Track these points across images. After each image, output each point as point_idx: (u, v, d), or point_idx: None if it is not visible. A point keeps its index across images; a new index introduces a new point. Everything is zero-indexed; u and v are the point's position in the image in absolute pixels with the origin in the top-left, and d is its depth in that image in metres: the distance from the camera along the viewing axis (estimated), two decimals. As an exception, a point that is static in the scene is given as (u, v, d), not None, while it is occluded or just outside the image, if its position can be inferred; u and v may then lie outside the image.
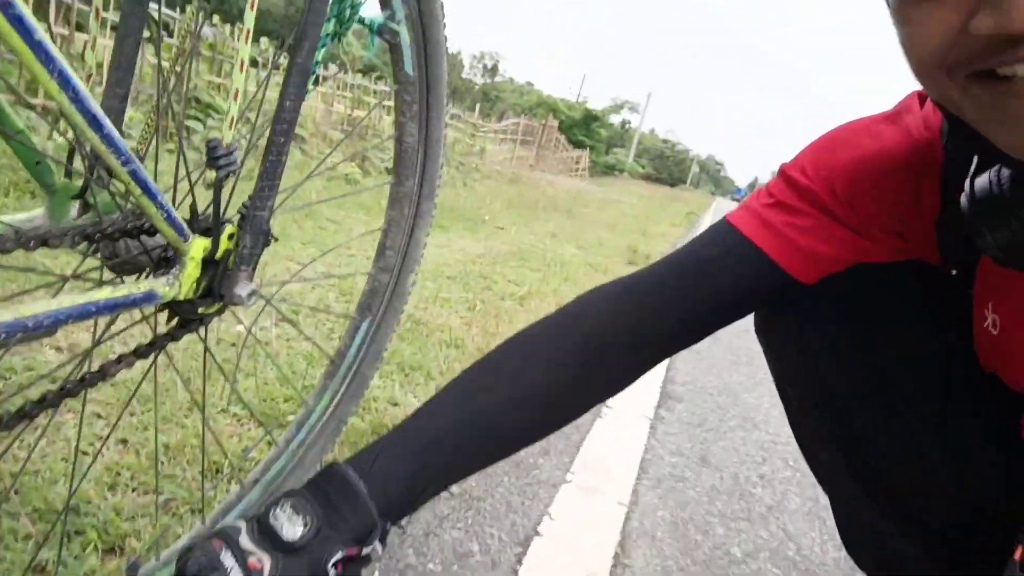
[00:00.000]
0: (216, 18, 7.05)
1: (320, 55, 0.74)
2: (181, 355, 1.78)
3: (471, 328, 2.78)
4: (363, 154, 7.79)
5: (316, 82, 0.78)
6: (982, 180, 0.69)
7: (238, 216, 0.74)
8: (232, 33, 6.91)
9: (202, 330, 0.81)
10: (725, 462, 2.09)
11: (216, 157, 0.67)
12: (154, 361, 0.80)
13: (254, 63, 6.71)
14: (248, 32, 0.65)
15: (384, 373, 2.11)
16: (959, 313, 0.84)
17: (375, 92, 9.62)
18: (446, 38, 1.06)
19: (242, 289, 0.73)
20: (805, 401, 0.95)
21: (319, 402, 1.14)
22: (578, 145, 30.33)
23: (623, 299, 0.87)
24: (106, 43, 3.96)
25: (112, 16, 4.87)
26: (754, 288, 0.85)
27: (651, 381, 2.69)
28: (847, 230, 0.82)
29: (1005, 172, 0.68)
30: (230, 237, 0.73)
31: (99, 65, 2.00)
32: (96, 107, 0.55)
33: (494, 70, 69.47)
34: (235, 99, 0.67)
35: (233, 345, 2.00)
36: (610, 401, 2.32)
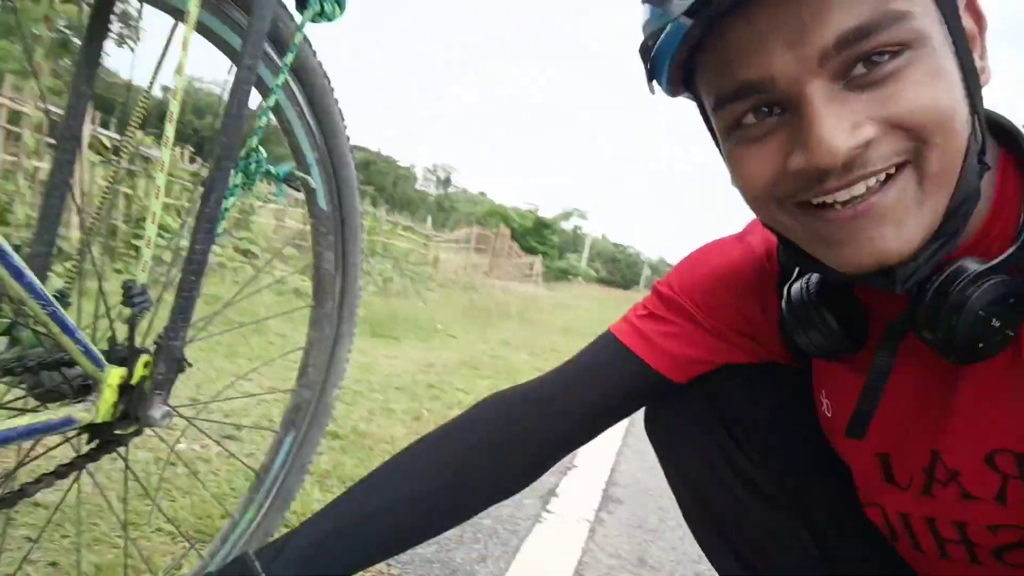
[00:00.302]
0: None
1: (228, 204, 0.85)
2: (119, 474, 1.79)
3: (416, 438, 2.81)
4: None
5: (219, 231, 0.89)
6: (795, 288, 0.83)
7: (154, 346, 0.82)
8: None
9: (122, 450, 0.87)
10: (663, 562, 2.13)
11: (131, 296, 0.77)
12: (75, 480, 0.86)
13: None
14: (159, 189, 0.76)
15: (325, 487, 2.14)
16: (809, 404, 0.95)
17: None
18: (355, 176, 1.19)
19: (156, 411, 0.80)
20: (685, 490, 1.04)
21: (244, 515, 1.19)
22: (531, 251, 31.06)
23: (519, 405, 0.97)
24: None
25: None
26: (634, 389, 0.96)
27: (593, 483, 2.74)
28: (708, 335, 0.94)
29: (813, 280, 0.82)
30: (146, 365, 0.81)
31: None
32: (19, 261, 0.65)
33: (447, 182, 71.48)
34: (148, 247, 0.77)
35: (172, 464, 2.02)
36: (551, 505, 2.37)
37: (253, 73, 0.82)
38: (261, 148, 0.88)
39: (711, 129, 0.74)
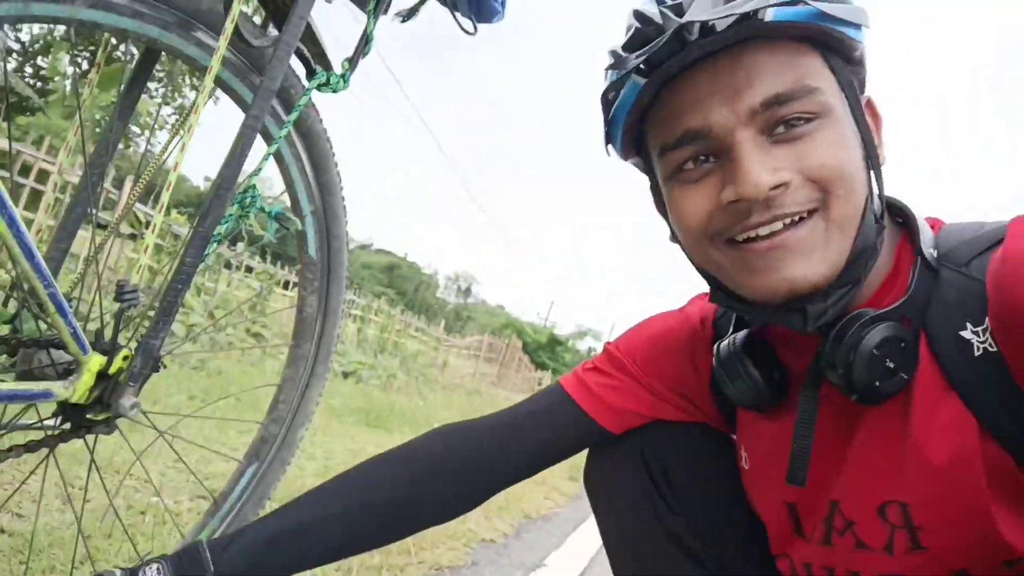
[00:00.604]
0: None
1: (221, 229, 0.97)
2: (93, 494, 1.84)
3: (390, 519, 2.81)
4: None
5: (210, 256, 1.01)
6: (724, 344, 0.93)
7: (135, 344, 0.93)
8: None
9: (91, 441, 0.96)
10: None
11: (123, 293, 0.88)
12: (43, 460, 0.94)
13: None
14: (162, 205, 0.89)
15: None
16: (732, 461, 1.02)
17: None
18: (347, 233, 1.33)
19: (127, 401, 0.90)
20: (615, 541, 1.09)
21: (196, 537, 1.24)
22: (542, 367, 30.99)
23: (468, 438, 1.04)
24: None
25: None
26: (571, 434, 1.04)
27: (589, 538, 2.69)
28: (644, 391, 1.03)
29: (739, 336, 0.92)
30: (125, 358, 0.91)
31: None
32: (32, 241, 0.77)
33: (468, 291, 72.35)
34: (144, 253, 0.89)
35: (147, 482, 2.06)
36: (548, 559, 2.35)
37: (259, 122, 0.97)
38: (258, 186, 1.01)
39: (654, 186, 0.89)
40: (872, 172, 0.78)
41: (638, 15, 0.78)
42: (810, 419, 0.82)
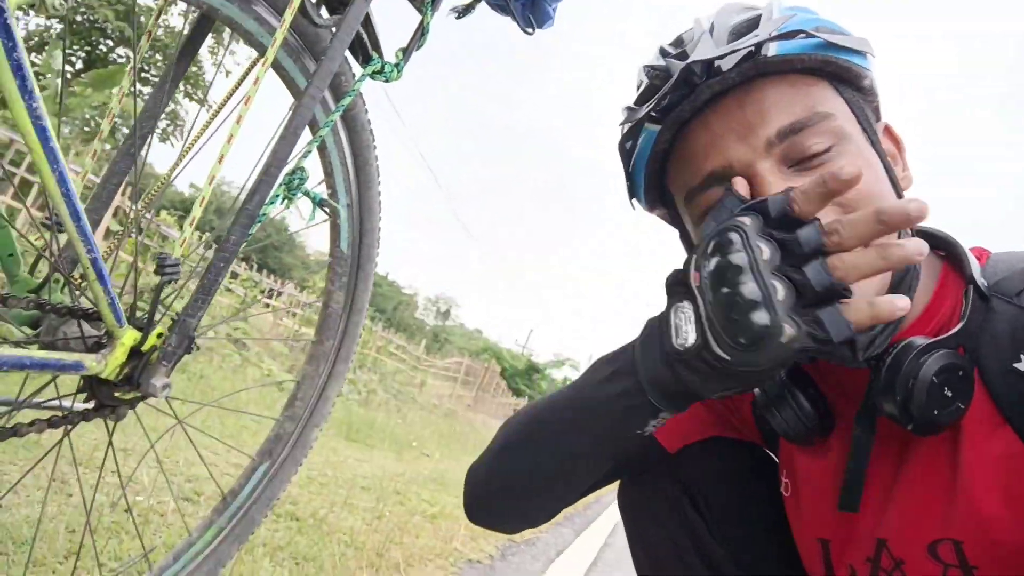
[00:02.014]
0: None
1: (267, 210, 0.93)
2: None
3: (376, 534, 2.74)
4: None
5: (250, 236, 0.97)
6: None
7: (171, 321, 0.88)
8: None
9: (110, 424, 0.90)
10: None
11: (164, 266, 0.83)
12: (63, 436, 0.89)
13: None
14: (212, 178, 0.85)
15: (276, 561, 2.07)
16: (775, 486, 0.98)
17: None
18: (379, 228, 1.29)
19: (159, 380, 0.85)
20: (649, 566, 1.04)
21: (202, 535, 1.18)
22: (518, 393, 30.86)
23: None
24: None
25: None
26: (632, 451, 0.96)
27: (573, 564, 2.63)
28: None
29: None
30: (159, 336, 0.86)
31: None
32: (79, 204, 0.72)
33: (447, 314, 72.13)
34: (191, 225, 0.85)
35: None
36: None
37: (315, 102, 0.94)
38: (306, 169, 0.97)
39: (683, 234, 0.89)
40: (899, 194, 0.77)
41: (647, 69, 0.81)
42: (867, 446, 0.79)
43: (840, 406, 0.87)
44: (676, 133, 0.79)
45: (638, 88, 0.84)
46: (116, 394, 0.85)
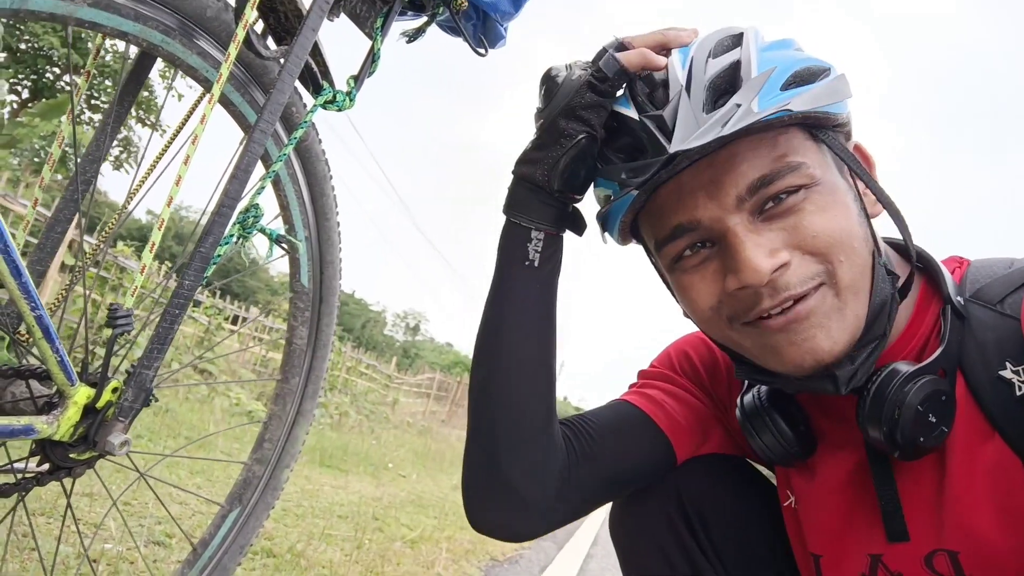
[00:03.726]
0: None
1: (223, 250, 0.90)
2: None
3: (355, 565, 2.68)
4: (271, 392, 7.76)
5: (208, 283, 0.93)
6: (748, 397, 0.89)
7: (126, 373, 0.84)
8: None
9: (68, 483, 0.86)
10: None
11: (116, 318, 0.79)
12: (15, 505, 0.84)
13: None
14: (162, 221, 0.81)
15: (254, 599, 2.02)
16: (771, 498, 0.97)
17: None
18: (340, 260, 1.26)
19: (116, 438, 0.81)
20: None
21: (172, 590, 1.13)
22: (492, 405, 30.65)
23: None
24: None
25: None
26: (650, 460, 0.94)
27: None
28: (695, 399, 0.98)
29: (763, 390, 0.88)
30: (114, 391, 0.82)
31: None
32: (20, 260, 0.68)
33: (416, 329, 71.70)
34: (141, 272, 0.81)
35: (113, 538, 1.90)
36: None
37: (266, 137, 0.90)
38: (260, 206, 0.94)
39: (657, 269, 0.88)
40: (889, 215, 0.78)
41: (621, 119, 0.79)
42: (889, 477, 0.80)
43: (826, 427, 0.87)
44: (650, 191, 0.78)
45: (610, 130, 0.81)
46: (71, 455, 0.81)
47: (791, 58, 0.75)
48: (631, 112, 0.77)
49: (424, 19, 1.15)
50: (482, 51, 1.15)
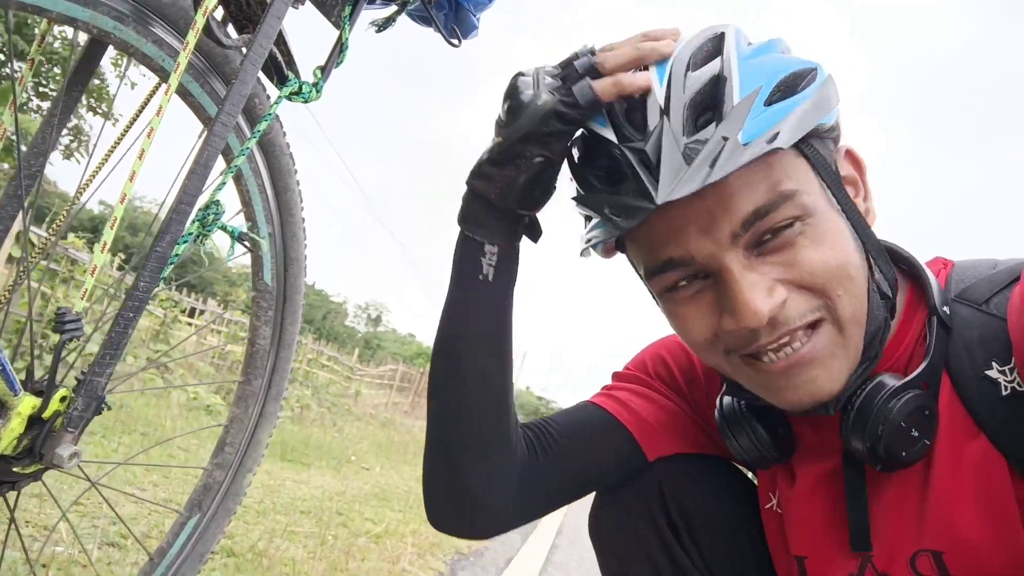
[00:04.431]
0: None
1: (181, 249, 0.85)
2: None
3: (319, 562, 2.64)
4: (230, 387, 7.61)
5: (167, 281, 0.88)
6: (727, 399, 0.88)
7: (76, 381, 0.79)
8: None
9: (11, 497, 0.81)
10: None
11: (64, 323, 0.74)
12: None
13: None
14: (115, 219, 0.76)
15: (214, 601, 1.96)
16: (752, 499, 0.96)
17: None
18: (305, 257, 1.21)
19: (65, 450, 0.76)
20: None
21: (127, 603, 1.09)
22: (455, 396, 30.63)
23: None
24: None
25: None
26: (615, 459, 0.94)
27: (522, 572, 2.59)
28: (669, 402, 0.97)
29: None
30: (62, 400, 0.77)
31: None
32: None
33: (378, 320, 71.19)
34: (91, 274, 0.76)
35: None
36: None
37: (227, 130, 0.86)
38: (221, 203, 0.90)
39: (644, 284, 0.84)
40: (865, 244, 0.76)
41: (600, 141, 0.73)
42: (861, 488, 0.80)
43: (808, 432, 0.87)
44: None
45: (586, 149, 0.77)
46: (15, 469, 0.75)
47: (775, 66, 0.71)
48: (608, 134, 0.72)
49: (394, 8, 1.11)
50: (455, 42, 1.11)
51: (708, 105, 0.69)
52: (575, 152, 0.79)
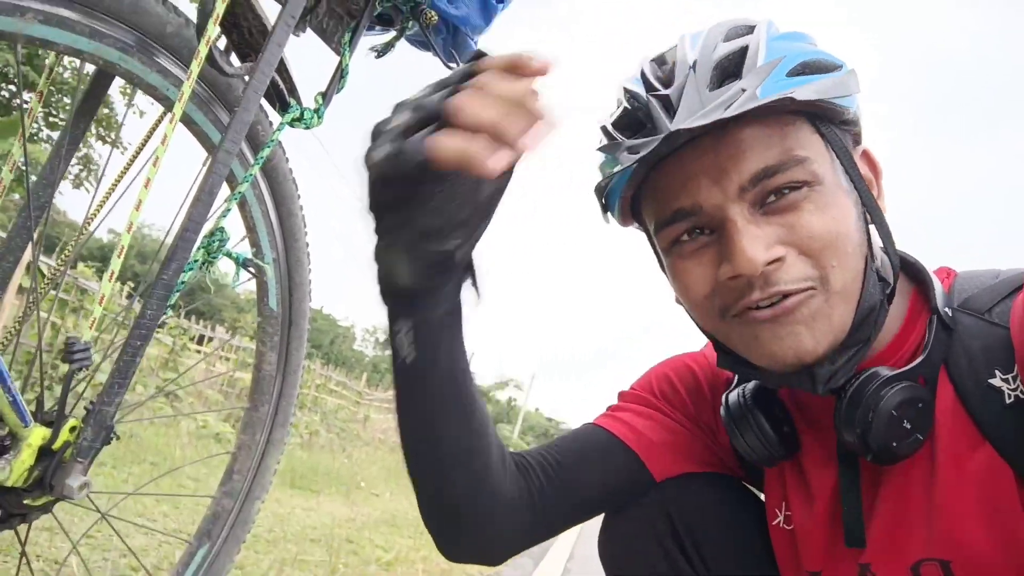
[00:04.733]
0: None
1: (187, 276, 0.85)
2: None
3: (329, 591, 2.62)
4: (239, 414, 7.60)
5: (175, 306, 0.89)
6: (733, 395, 0.88)
7: (85, 411, 0.79)
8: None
9: (23, 530, 0.80)
10: None
11: (72, 352, 0.75)
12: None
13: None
14: (123, 248, 0.77)
15: (223, 635, 1.94)
16: (759, 519, 0.95)
17: (260, 356, 9.63)
18: (310, 281, 1.21)
19: (75, 481, 0.76)
20: None
21: (138, 635, 1.08)
22: (464, 418, 30.50)
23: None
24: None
25: None
26: (619, 478, 0.94)
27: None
28: (675, 424, 0.96)
29: (749, 387, 0.87)
30: (72, 430, 0.77)
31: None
32: (-32, 294, 0.64)
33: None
34: (100, 303, 0.77)
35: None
36: None
37: (231, 157, 0.86)
38: (226, 229, 0.90)
39: (655, 250, 0.86)
40: (875, 227, 0.77)
41: (629, 96, 0.79)
42: (855, 483, 0.80)
43: (812, 432, 0.86)
44: (650, 168, 0.78)
45: (617, 107, 0.82)
46: (26, 501, 0.75)
47: (801, 49, 0.75)
48: (639, 89, 0.77)
49: (393, 34, 1.13)
50: (453, 65, 1.12)
51: (733, 72, 0.73)
52: (609, 115, 0.82)
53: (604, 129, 0.82)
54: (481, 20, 1.11)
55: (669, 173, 0.76)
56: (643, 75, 0.79)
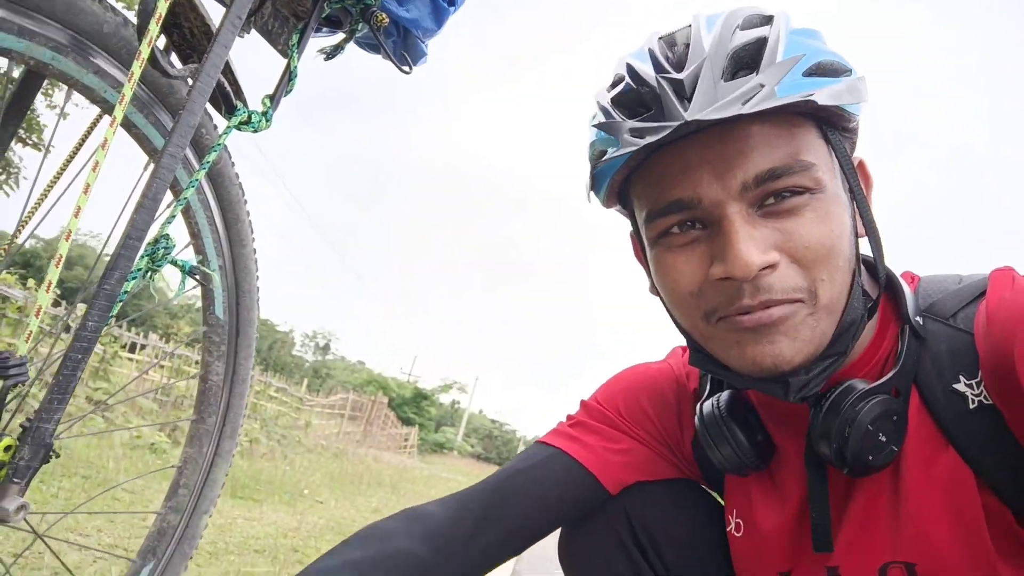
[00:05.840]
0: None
1: (129, 286, 0.82)
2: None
3: (275, 603, 2.55)
4: (175, 424, 7.36)
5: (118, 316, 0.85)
6: (707, 405, 0.89)
7: (21, 428, 0.75)
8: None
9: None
10: None
11: (7, 367, 0.71)
12: None
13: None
14: (60, 257, 0.73)
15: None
16: (720, 526, 0.96)
17: (197, 363, 9.37)
18: (258, 288, 1.18)
19: (10, 503, 0.72)
20: None
21: (78, 661, 1.03)
22: (407, 422, 30.38)
23: (427, 521, 0.89)
24: None
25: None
26: (569, 492, 0.93)
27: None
28: (632, 440, 0.97)
29: (723, 397, 0.87)
30: (7, 449, 0.73)
31: None
32: None
33: (326, 348, 69.97)
34: (36, 315, 0.73)
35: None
36: None
37: (176, 162, 0.83)
38: (171, 236, 0.87)
39: (639, 239, 0.84)
40: (869, 240, 0.77)
41: (634, 74, 0.74)
42: (822, 488, 0.80)
43: (784, 439, 0.87)
44: (650, 152, 0.75)
45: (618, 82, 0.77)
46: (-44, 526, 0.71)
47: (818, 49, 0.73)
48: (647, 68, 0.73)
49: (342, 36, 1.10)
50: (406, 68, 1.11)
51: (749, 64, 0.70)
52: (607, 89, 0.78)
53: (601, 106, 0.78)
54: (432, 23, 1.09)
55: (669, 161, 0.73)
56: (652, 54, 0.74)
